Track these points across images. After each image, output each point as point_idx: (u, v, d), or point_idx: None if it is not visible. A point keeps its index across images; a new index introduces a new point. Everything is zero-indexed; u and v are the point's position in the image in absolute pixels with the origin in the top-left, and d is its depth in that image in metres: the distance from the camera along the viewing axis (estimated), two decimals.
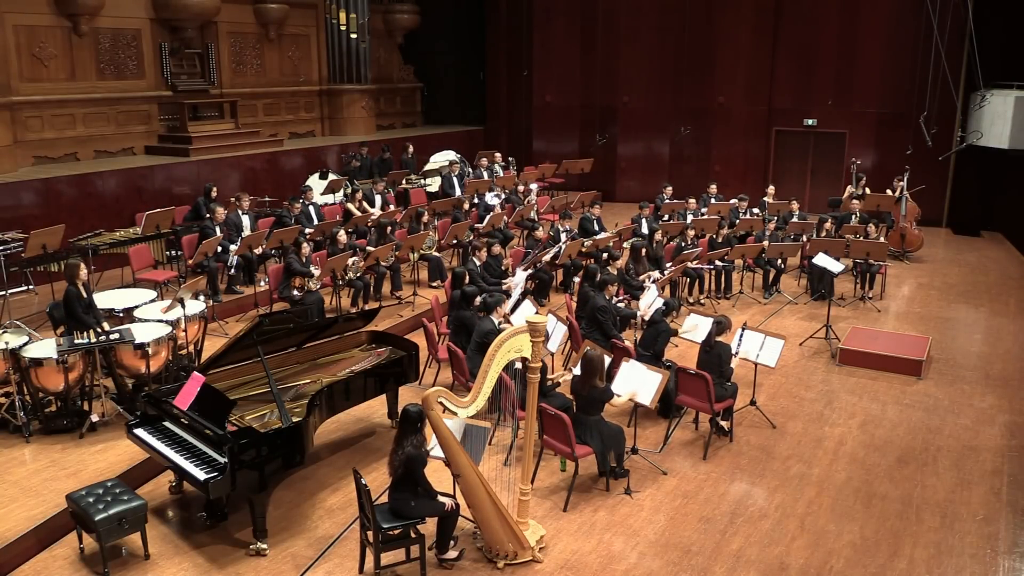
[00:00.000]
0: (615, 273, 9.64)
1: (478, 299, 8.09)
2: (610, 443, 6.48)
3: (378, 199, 13.26)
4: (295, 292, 9.66)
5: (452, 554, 5.61)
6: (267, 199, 13.11)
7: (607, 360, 6.75)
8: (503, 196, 14.13)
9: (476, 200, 13.78)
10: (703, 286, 11.50)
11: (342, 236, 10.53)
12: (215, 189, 11.85)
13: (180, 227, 11.28)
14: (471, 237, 12.03)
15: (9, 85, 12.12)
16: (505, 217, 12.98)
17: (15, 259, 9.69)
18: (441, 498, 5.47)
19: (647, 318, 8.42)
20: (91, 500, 5.45)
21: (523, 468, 5.77)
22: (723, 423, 7.45)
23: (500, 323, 7.73)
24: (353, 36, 17.11)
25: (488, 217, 12.61)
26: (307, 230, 11.11)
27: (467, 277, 9.11)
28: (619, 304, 9.32)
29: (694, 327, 7.96)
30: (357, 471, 5.42)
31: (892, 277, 12.45)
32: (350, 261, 10.14)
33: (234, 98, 15.11)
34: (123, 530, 5.42)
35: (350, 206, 13.02)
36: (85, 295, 7.52)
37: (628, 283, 10.22)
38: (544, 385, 6.81)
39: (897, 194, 13.79)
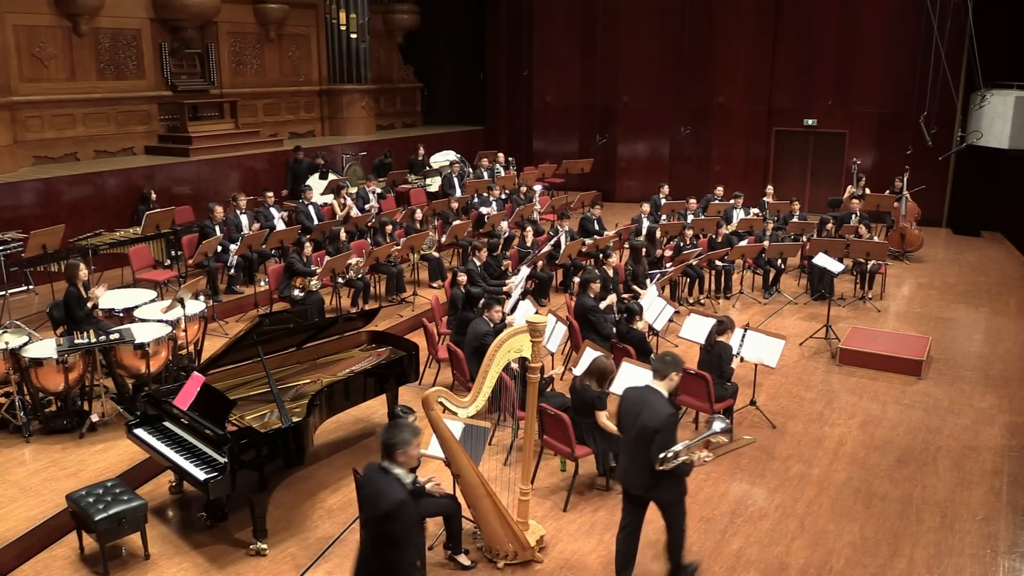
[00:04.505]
0: (611, 272, 9.63)
1: (482, 301, 8.10)
2: (608, 443, 6.47)
3: (372, 197, 13.20)
4: (296, 292, 9.66)
5: (465, 561, 5.59)
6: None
7: (612, 367, 6.64)
8: (503, 197, 14.07)
9: (475, 200, 13.76)
10: (703, 286, 11.50)
11: (341, 234, 10.54)
12: (153, 193, 11.94)
13: (180, 227, 11.29)
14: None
15: (9, 85, 12.12)
16: (505, 217, 12.96)
17: (15, 259, 9.68)
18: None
19: (655, 326, 8.40)
20: (91, 500, 5.45)
21: (523, 468, 5.77)
22: None
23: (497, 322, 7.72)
24: (353, 36, 17.11)
25: (489, 218, 12.60)
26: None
27: (467, 277, 9.12)
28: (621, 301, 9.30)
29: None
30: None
31: (892, 277, 12.44)
32: (352, 261, 10.14)
33: (234, 98, 15.11)
34: (123, 530, 5.41)
35: (334, 202, 12.91)
36: (85, 295, 7.53)
37: (627, 282, 10.21)
38: (539, 383, 6.78)
39: (897, 194, 13.79)
